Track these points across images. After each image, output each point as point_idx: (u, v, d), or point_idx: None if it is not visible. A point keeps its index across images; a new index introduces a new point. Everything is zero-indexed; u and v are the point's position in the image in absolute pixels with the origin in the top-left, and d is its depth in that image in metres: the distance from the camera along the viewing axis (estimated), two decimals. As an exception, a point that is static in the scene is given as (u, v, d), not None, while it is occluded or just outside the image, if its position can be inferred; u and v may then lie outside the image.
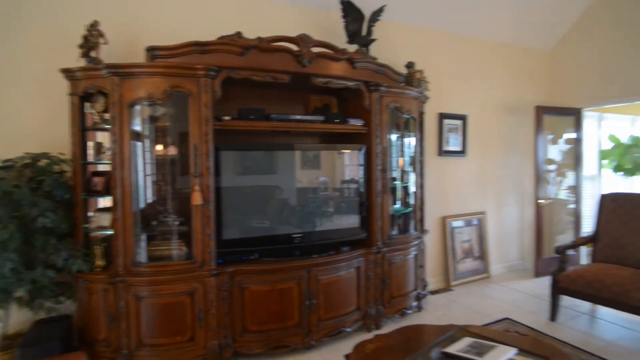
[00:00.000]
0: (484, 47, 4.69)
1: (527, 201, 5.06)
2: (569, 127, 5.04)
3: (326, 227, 3.22)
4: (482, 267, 4.64)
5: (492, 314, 3.60)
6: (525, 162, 5.01)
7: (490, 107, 4.78)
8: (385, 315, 3.32)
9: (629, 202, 3.57)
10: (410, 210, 3.60)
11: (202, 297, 2.61)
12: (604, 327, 3.36)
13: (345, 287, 3.08)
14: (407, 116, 3.50)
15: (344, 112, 3.47)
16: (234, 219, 2.89)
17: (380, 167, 3.27)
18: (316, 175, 3.31)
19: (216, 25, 3.15)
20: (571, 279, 3.30)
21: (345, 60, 3.12)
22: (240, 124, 2.88)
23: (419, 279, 3.63)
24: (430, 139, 4.26)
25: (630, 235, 3.46)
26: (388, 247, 3.31)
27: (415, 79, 3.60)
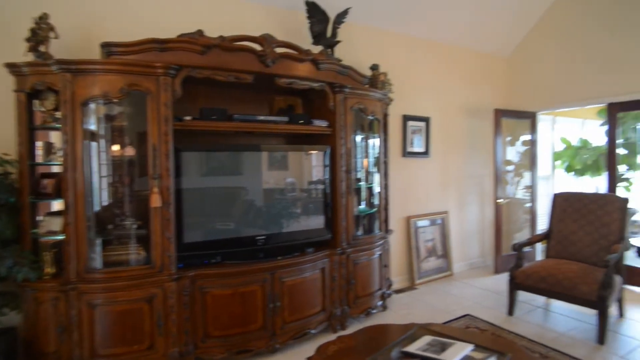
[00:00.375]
0: (447, 51, 4.83)
1: (487, 201, 5.25)
2: (526, 129, 5.27)
3: (291, 229, 3.20)
4: (445, 265, 4.76)
5: (454, 311, 3.70)
6: (485, 163, 5.19)
7: (452, 110, 4.92)
8: (350, 315, 3.33)
9: (578, 201, 3.77)
10: (375, 211, 3.64)
11: (161, 303, 2.52)
12: (556, 319, 3.52)
13: (310, 289, 3.07)
14: (372, 118, 3.54)
15: (309, 113, 3.47)
16: (197, 222, 2.82)
17: (344, 168, 3.28)
18: (283, 177, 3.28)
19: (177, 22, 3.07)
20: (527, 274, 3.44)
21: (309, 61, 3.12)
22: (202, 124, 2.81)
23: (384, 278, 3.68)
24: (395, 140, 4.33)
25: (580, 232, 3.65)
26: (353, 248, 3.33)
27: (379, 81, 3.65)
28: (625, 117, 5.77)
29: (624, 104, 4.40)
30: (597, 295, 3.02)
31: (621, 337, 3.14)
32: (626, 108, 4.45)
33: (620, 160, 5.05)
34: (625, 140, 5.86)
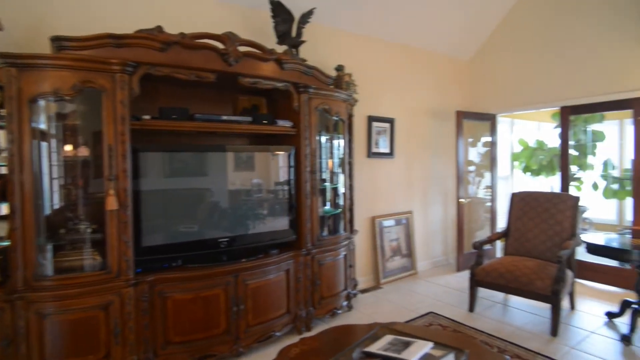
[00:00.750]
0: (411, 54, 4.92)
1: (450, 200, 5.40)
2: (486, 131, 5.46)
3: (256, 230, 3.15)
4: (409, 264, 4.85)
5: (418, 309, 3.77)
6: (448, 164, 5.34)
7: (416, 111, 5.02)
8: (315, 316, 3.33)
9: (534, 200, 3.94)
10: (340, 211, 3.65)
11: (118, 309, 2.42)
12: (514, 314, 3.66)
13: (275, 291, 3.04)
14: (336, 118, 3.56)
15: (274, 113, 3.44)
16: (158, 224, 2.72)
17: (309, 169, 3.27)
18: (249, 177, 3.22)
19: (135, 18, 2.98)
20: (486, 272, 3.56)
21: (273, 60, 3.09)
22: (162, 124, 2.72)
23: (349, 278, 3.70)
24: (360, 141, 4.37)
25: (535, 230, 3.81)
26: (318, 249, 3.33)
27: (344, 81, 3.67)
28: (576, 120, 6.11)
29: (575, 107, 4.64)
30: (550, 290, 3.16)
31: (572, 329, 3.31)
32: (577, 111, 4.70)
33: (572, 161, 5.33)
34: (576, 142, 6.20)
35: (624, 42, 4.13)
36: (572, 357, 2.85)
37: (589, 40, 4.40)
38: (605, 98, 4.33)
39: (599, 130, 6.19)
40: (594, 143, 6.20)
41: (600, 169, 6.23)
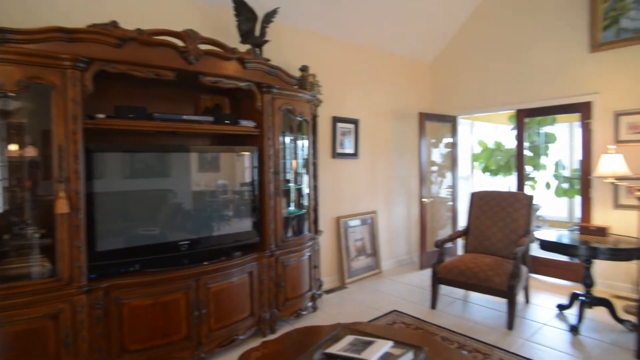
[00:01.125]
0: (375, 56, 4.99)
1: (413, 200, 5.51)
2: (447, 132, 5.62)
3: (219, 232, 3.08)
4: (374, 264, 4.91)
5: (383, 308, 3.82)
6: (411, 164, 5.45)
7: (380, 113, 5.10)
8: (280, 318, 3.30)
9: (492, 199, 4.09)
10: (304, 212, 3.64)
11: (69, 319, 2.29)
12: (473, 309, 3.79)
13: (238, 294, 2.99)
14: (300, 119, 3.55)
15: (237, 113, 3.39)
16: (115, 228, 2.61)
17: (272, 170, 3.24)
18: (213, 178, 3.15)
19: (89, 11, 2.84)
20: (447, 269, 3.66)
21: (235, 59, 3.04)
22: (118, 123, 2.61)
23: (314, 279, 3.70)
24: (325, 141, 4.38)
25: (493, 227, 3.96)
26: (282, 250, 3.30)
27: (308, 82, 3.66)
28: (530, 123, 6.41)
29: (529, 110, 4.87)
30: (506, 285, 3.29)
31: (526, 322, 3.46)
32: (531, 114, 4.93)
33: (527, 162, 5.58)
34: (531, 144, 6.50)
35: (574, 51, 4.37)
36: (526, 348, 2.97)
37: (542, 48, 4.63)
38: (556, 102, 4.56)
39: (551, 133, 6.52)
40: (547, 144, 6.53)
41: (552, 169, 6.57)
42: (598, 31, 4.19)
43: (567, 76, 4.45)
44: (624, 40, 4.02)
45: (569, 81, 4.44)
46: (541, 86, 4.66)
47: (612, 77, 4.13)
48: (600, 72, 4.20)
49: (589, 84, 4.29)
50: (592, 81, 4.27)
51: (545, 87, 4.63)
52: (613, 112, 4.11)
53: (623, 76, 4.05)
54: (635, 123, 3.98)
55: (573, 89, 4.41)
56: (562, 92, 4.50)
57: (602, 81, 4.20)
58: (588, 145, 4.36)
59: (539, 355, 2.86)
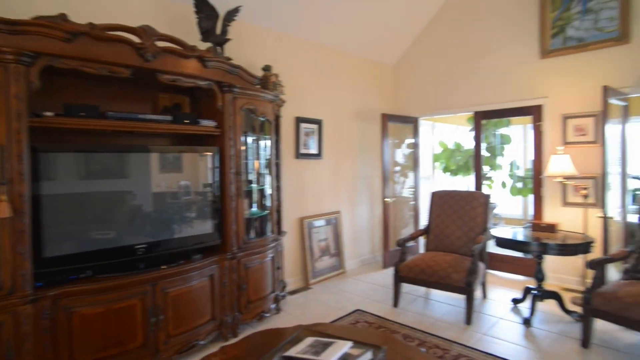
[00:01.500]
0: (339, 57, 5.02)
1: (376, 200, 5.59)
2: (409, 133, 5.74)
3: (179, 235, 2.98)
4: (338, 264, 4.94)
5: (346, 307, 3.84)
6: (375, 164, 5.53)
7: (344, 113, 5.13)
8: (242, 321, 3.25)
9: (452, 198, 4.21)
10: (267, 213, 3.60)
11: (12, 331, 2.14)
12: (434, 306, 3.88)
13: (198, 297, 2.91)
14: (263, 119, 3.51)
15: (197, 113, 3.31)
16: (66, 232, 2.46)
17: (234, 170, 3.19)
18: (175, 179, 3.04)
19: (36, 3, 2.68)
20: (409, 268, 3.73)
21: (195, 58, 2.96)
22: (68, 122, 2.47)
23: (277, 280, 3.66)
24: (288, 142, 4.36)
25: (453, 226, 4.08)
26: (244, 252, 3.25)
27: (270, 82, 3.62)
28: (487, 124, 6.67)
29: (486, 112, 5.06)
30: (465, 282, 3.40)
31: (484, 316, 3.59)
32: (488, 116, 5.13)
33: (484, 162, 5.80)
34: (488, 145, 6.76)
35: (526, 57, 4.59)
36: (483, 342, 3.08)
37: (498, 53, 4.82)
38: (510, 105, 4.77)
39: (506, 134, 6.82)
40: (502, 145, 6.82)
41: (508, 169, 6.86)
42: (547, 38, 4.42)
43: (520, 80, 4.66)
44: (570, 48, 4.27)
45: (521, 85, 4.65)
46: (497, 89, 4.86)
47: (559, 82, 4.37)
48: (550, 77, 4.44)
49: (539, 88, 4.52)
50: (542, 85, 4.50)
51: (501, 91, 4.83)
52: (561, 115, 4.34)
53: (569, 81, 4.29)
54: (580, 125, 4.22)
55: (525, 93, 4.63)
56: (515, 96, 4.71)
57: (551, 86, 4.43)
58: (539, 146, 4.58)
59: (495, 349, 2.98)
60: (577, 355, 2.87)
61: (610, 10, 4.02)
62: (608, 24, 4.04)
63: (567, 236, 3.55)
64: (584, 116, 4.19)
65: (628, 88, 3.94)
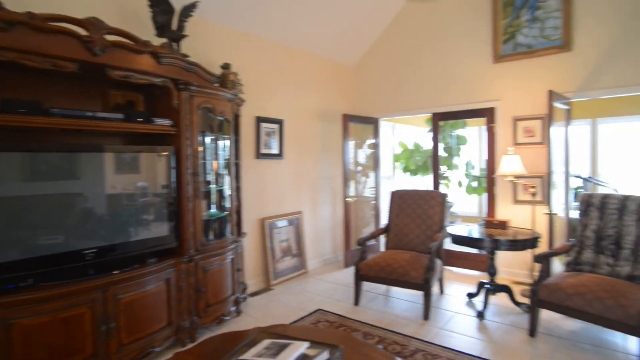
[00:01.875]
0: (300, 57, 5.01)
1: (338, 199, 5.63)
2: (370, 134, 5.83)
3: (132, 238, 2.85)
4: (300, 264, 4.92)
5: (308, 307, 3.84)
6: (336, 164, 5.56)
7: (306, 113, 5.13)
8: (201, 325, 3.16)
9: (410, 197, 4.32)
10: (227, 214, 3.53)
11: (-59, 345, 1.97)
12: (394, 303, 3.96)
13: (154, 303, 2.80)
14: (221, 118, 3.43)
15: (153, 111, 3.18)
16: (6, 238, 2.28)
17: (191, 171, 3.10)
18: (127, 181, 2.90)
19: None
20: (369, 266, 3.78)
21: (148, 53, 2.85)
22: (5, 119, 2.29)
23: (238, 282, 3.60)
24: (248, 141, 4.29)
25: (411, 225, 4.18)
26: (202, 254, 3.17)
27: (229, 80, 3.55)
28: (445, 126, 6.89)
29: (443, 114, 5.23)
30: (422, 279, 3.49)
31: (441, 311, 3.70)
32: (445, 118, 5.30)
33: (441, 162, 5.98)
34: (445, 145, 6.99)
35: (480, 61, 4.78)
36: (440, 336, 3.17)
37: (455, 56, 4.99)
38: (466, 107, 4.96)
39: (462, 135, 7.08)
40: (459, 146, 7.08)
41: (464, 168, 7.13)
42: (499, 44, 4.63)
43: (474, 84, 4.85)
44: (520, 54, 4.49)
45: (476, 88, 4.84)
46: (453, 92, 5.03)
47: (510, 86, 4.58)
48: (501, 81, 4.65)
49: (492, 91, 4.72)
50: (495, 89, 4.70)
51: (457, 93, 5.00)
52: (512, 117, 4.56)
53: (519, 85, 4.52)
54: (529, 127, 4.45)
55: (480, 96, 4.82)
56: (471, 98, 4.89)
57: (503, 89, 4.64)
58: (492, 147, 4.79)
59: (451, 342, 3.08)
60: (525, 344, 3.02)
61: (555, 20, 4.26)
62: (553, 32, 4.28)
63: (517, 232, 3.73)
64: (532, 119, 4.42)
65: (571, 93, 4.20)
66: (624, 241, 3.17)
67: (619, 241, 3.20)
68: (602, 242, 3.28)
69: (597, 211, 3.39)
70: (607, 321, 2.69)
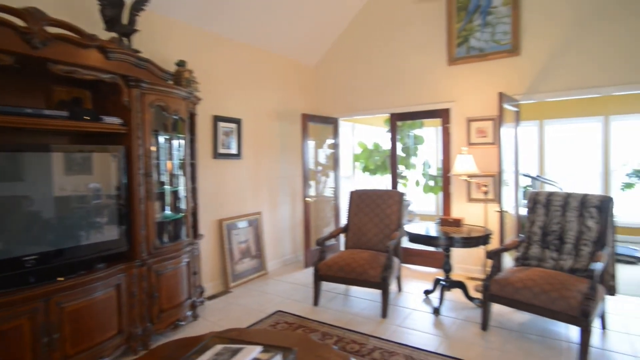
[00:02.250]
0: (259, 56, 4.94)
1: (298, 199, 5.61)
2: (330, 134, 5.85)
3: (79, 243, 2.69)
4: (259, 265, 4.86)
5: (267, 309, 3.79)
6: (296, 164, 5.54)
7: (264, 113, 5.07)
8: (155, 331, 3.04)
9: (369, 197, 4.37)
10: (182, 216, 3.41)
11: None
12: (353, 302, 3.99)
13: (102, 310, 2.66)
14: (176, 117, 3.32)
15: (102, 109, 3.01)
16: None
17: (143, 171, 2.97)
18: (75, 182, 2.72)
19: None
20: (328, 266, 3.79)
21: (95, 47, 2.70)
22: None
23: (194, 286, 3.50)
24: (206, 141, 4.19)
25: (370, 224, 4.24)
26: (155, 258, 3.05)
27: (184, 78, 3.44)
28: (403, 126, 7.04)
29: (401, 114, 5.34)
30: (380, 277, 3.54)
31: (399, 309, 3.77)
32: (402, 118, 5.41)
33: (399, 162, 6.12)
34: (403, 145, 7.15)
35: (436, 63, 4.92)
36: (397, 334, 3.23)
37: (412, 58, 5.11)
38: (422, 108, 5.08)
39: (419, 135, 7.27)
40: (416, 146, 7.26)
41: (421, 168, 7.32)
42: (453, 47, 4.78)
43: (431, 85, 4.99)
44: (472, 57, 4.67)
45: (432, 89, 4.98)
46: (411, 93, 5.15)
47: (464, 88, 4.75)
48: (456, 83, 4.81)
49: (447, 92, 4.87)
50: (449, 90, 4.86)
51: (414, 94, 5.12)
52: (466, 118, 4.73)
53: (472, 87, 4.70)
54: (482, 128, 4.64)
55: (436, 97, 4.96)
56: (427, 99, 5.03)
57: (457, 91, 4.81)
58: (447, 147, 4.95)
59: (408, 339, 3.14)
60: (478, 338, 3.14)
61: (505, 25, 4.46)
62: (503, 37, 4.48)
63: (471, 230, 3.87)
64: (485, 120, 4.60)
65: (519, 95, 4.41)
66: (566, 236, 3.37)
67: (562, 236, 3.39)
68: (547, 238, 3.47)
69: (543, 208, 3.58)
70: (552, 312, 2.85)
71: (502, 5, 4.46)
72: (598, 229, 3.24)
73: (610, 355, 2.86)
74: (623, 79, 3.91)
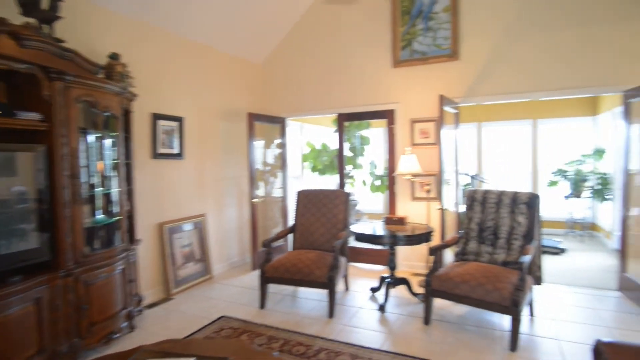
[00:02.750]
0: (203, 51, 4.75)
1: (244, 200, 5.47)
2: (277, 133, 5.77)
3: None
4: (204, 269, 4.67)
5: (211, 315, 3.64)
6: (242, 164, 5.40)
7: (208, 111, 4.88)
8: (86, 346, 2.80)
9: (315, 197, 4.35)
10: (116, 220, 3.18)
11: None
12: (301, 303, 3.95)
13: (18, 328, 2.39)
14: (107, 114, 3.08)
15: (19, 103, 2.72)
16: None
17: (68, 173, 2.72)
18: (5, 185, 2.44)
19: None
20: (274, 268, 3.72)
21: (5, 33, 2.42)
22: None
23: (130, 295, 3.27)
24: (144, 140, 3.94)
25: (317, 224, 4.21)
26: (84, 267, 2.80)
27: (116, 72, 3.21)
28: (350, 126, 7.12)
29: (348, 114, 5.38)
30: (327, 277, 3.53)
31: (346, 308, 3.78)
32: (349, 118, 5.46)
33: (347, 161, 6.17)
34: (350, 145, 7.23)
35: (382, 65, 5.01)
36: (344, 333, 3.23)
37: (358, 59, 5.16)
38: (369, 109, 5.16)
39: (366, 136, 7.39)
40: (363, 146, 7.37)
41: (368, 168, 7.45)
42: (398, 50, 4.89)
43: (376, 86, 5.07)
44: (415, 60, 4.80)
45: (378, 91, 5.07)
46: (357, 93, 5.20)
47: (408, 90, 4.88)
48: (400, 85, 4.92)
49: (392, 94, 4.98)
50: (394, 92, 4.97)
51: (361, 95, 5.18)
52: (410, 119, 4.86)
53: (415, 89, 4.83)
54: (424, 129, 4.78)
55: (381, 98, 5.05)
56: (373, 100, 5.10)
57: (401, 92, 4.92)
58: (392, 147, 5.05)
59: (354, 337, 3.15)
60: (421, 332, 3.22)
61: (445, 31, 4.63)
62: (443, 42, 4.65)
63: (414, 227, 3.97)
64: (427, 121, 4.75)
65: (459, 98, 4.60)
66: (500, 231, 3.55)
67: (496, 232, 3.57)
68: (483, 233, 3.64)
69: (479, 205, 3.75)
70: (487, 304, 2.98)
71: (442, 11, 4.63)
72: (527, 224, 3.44)
73: (538, 340, 3.05)
74: (549, 85, 4.20)
